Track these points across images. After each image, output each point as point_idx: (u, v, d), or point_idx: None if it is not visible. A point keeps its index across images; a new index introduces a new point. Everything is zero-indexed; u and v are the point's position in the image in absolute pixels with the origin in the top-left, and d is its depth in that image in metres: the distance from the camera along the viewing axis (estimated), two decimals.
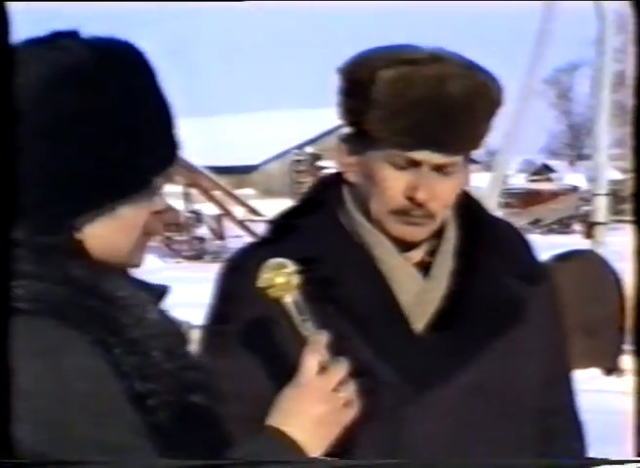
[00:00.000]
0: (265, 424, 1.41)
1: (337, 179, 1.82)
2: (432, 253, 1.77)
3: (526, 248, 1.87)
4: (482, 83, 1.69)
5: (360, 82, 1.69)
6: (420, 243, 1.75)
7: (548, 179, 38.97)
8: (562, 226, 16.90)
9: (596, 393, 7.48)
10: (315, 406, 1.41)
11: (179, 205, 18.95)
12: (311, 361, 1.42)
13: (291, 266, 1.47)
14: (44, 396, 1.29)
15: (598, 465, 1.69)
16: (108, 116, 1.39)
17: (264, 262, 1.48)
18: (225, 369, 1.68)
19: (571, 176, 35.91)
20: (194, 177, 18.43)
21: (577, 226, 13.84)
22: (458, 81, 1.66)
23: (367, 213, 1.76)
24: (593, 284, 8.33)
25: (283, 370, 1.48)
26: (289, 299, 1.46)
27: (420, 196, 1.67)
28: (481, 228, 1.82)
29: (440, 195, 1.69)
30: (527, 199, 23.89)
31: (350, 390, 1.43)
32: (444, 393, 1.69)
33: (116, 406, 1.32)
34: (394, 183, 1.69)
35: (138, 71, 1.44)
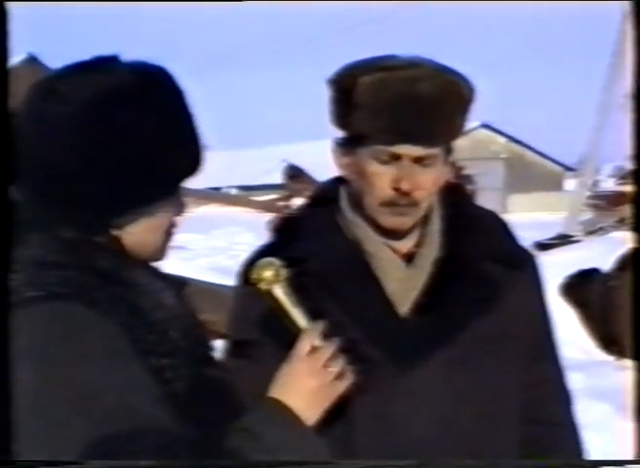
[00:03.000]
0: (266, 396, 1.43)
1: (336, 182, 1.82)
2: (419, 244, 1.75)
3: (508, 235, 1.84)
4: (451, 82, 1.65)
5: (344, 89, 1.67)
6: (409, 233, 1.74)
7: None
8: None
9: None
10: (307, 380, 1.43)
11: None
12: (303, 343, 1.44)
13: (277, 262, 1.48)
14: (73, 372, 1.29)
15: (598, 466, 1.68)
16: (147, 130, 1.40)
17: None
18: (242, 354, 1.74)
19: None
20: None
21: None
22: (428, 81, 1.63)
23: (360, 208, 1.74)
24: None
25: (281, 353, 1.48)
26: (278, 291, 1.47)
27: (405, 186, 1.66)
28: (464, 218, 1.79)
29: (422, 184, 1.67)
30: (613, 200, 23.37)
31: (340, 366, 1.45)
32: (426, 369, 1.68)
33: (137, 378, 1.33)
34: (381, 177, 1.67)
35: (169, 91, 1.45)
